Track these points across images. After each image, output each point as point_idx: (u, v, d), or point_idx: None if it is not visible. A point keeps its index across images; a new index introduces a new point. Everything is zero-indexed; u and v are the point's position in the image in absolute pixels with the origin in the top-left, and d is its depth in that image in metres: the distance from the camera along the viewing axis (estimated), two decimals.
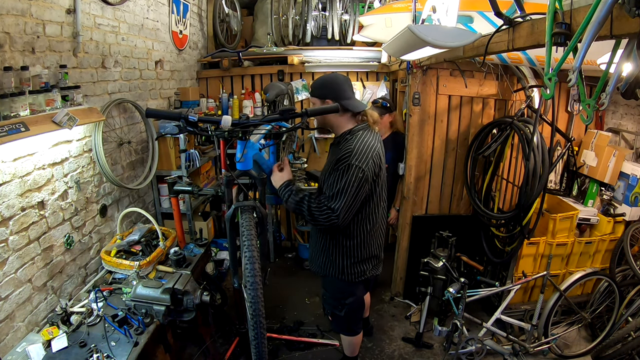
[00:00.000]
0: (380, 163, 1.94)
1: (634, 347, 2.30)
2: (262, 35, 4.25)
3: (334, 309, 2.22)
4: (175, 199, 2.45)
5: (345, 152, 1.83)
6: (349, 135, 1.93)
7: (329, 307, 2.28)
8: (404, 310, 3.21)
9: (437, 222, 3.10)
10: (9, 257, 1.66)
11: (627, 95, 1.13)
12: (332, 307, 2.24)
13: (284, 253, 4.20)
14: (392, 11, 2.57)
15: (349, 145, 1.86)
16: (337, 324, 2.34)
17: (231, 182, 1.88)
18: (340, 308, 2.19)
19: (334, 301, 2.22)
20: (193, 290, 1.99)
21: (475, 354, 2.54)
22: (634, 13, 0.78)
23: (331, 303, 2.24)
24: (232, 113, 3.60)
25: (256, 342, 1.60)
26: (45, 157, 1.87)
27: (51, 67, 1.88)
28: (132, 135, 2.68)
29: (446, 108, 3.04)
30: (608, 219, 2.86)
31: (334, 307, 2.22)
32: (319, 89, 1.98)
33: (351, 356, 2.44)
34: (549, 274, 2.57)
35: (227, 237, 1.89)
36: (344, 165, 1.81)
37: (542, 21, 1.23)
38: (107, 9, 2.34)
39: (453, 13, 1.74)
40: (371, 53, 3.91)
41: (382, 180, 2.01)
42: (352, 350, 2.41)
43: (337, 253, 2.06)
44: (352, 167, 1.79)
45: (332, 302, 2.23)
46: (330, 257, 2.09)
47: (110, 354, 1.65)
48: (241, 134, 1.75)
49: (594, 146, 3.07)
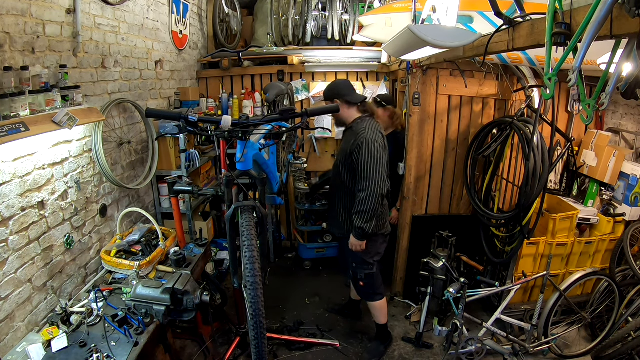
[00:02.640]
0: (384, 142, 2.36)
1: (634, 347, 2.29)
2: (262, 35, 4.25)
3: (365, 269, 2.49)
4: (175, 199, 2.45)
5: (358, 135, 2.29)
6: (359, 120, 2.40)
7: (359, 270, 2.51)
8: (404, 310, 3.21)
9: (437, 222, 3.10)
10: (9, 257, 1.66)
11: (627, 95, 1.13)
12: (364, 269, 2.50)
13: (284, 253, 4.19)
14: (392, 11, 2.57)
15: (361, 126, 2.33)
16: (366, 289, 2.59)
17: (231, 182, 1.88)
18: (371, 266, 2.50)
19: (363, 263, 2.48)
20: (193, 290, 1.99)
21: (475, 354, 2.54)
22: (634, 13, 0.78)
23: (361, 265, 2.49)
24: (232, 113, 3.60)
25: (256, 342, 1.60)
26: (45, 157, 1.87)
27: (51, 67, 1.88)
28: (132, 135, 2.68)
29: (446, 108, 3.04)
30: (608, 219, 2.86)
31: (365, 269, 2.49)
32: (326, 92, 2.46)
33: (384, 323, 2.72)
34: (549, 274, 2.57)
35: (227, 237, 1.89)
36: (360, 140, 2.25)
37: (542, 21, 1.23)
38: (107, 9, 2.34)
39: (453, 13, 1.74)
40: (371, 53, 3.91)
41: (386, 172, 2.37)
42: (385, 315, 2.70)
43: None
44: (368, 140, 2.24)
45: (362, 265, 2.49)
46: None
47: (110, 354, 1.65)
48: (241, 134, 1.76)
49: (594, 146, 3.07)
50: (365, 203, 2.24)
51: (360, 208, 2.26)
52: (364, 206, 2.25)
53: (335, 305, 3.23)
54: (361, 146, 2.24)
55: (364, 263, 2.49)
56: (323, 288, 3.53)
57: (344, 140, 2.50)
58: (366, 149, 2.23)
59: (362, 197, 2.25)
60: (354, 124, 2.40)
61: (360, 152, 2.24)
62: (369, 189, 2.23)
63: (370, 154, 2.22)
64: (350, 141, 2.33)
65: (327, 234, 3.81)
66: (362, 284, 2.56)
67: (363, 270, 2.51)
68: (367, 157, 2.23)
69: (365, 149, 2.23)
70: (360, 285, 2.58)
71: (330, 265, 3.88)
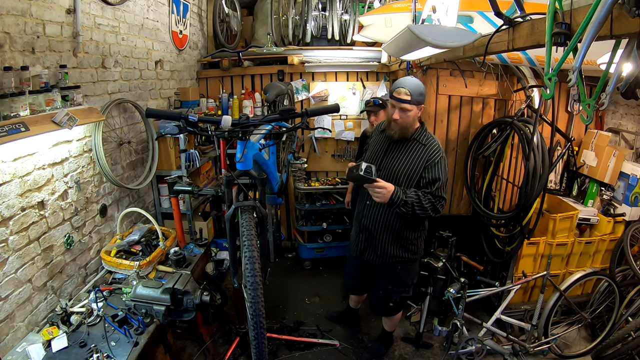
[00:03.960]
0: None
1: (634, 347, 2.30)
2: (262, 35, 4.25)
3: (403, 292, 2.37)
4: (175, 199, 2.45)
5: (435, 146, 2.11)
6: (425, 132, 2.17)
7: (396, 295, 2.36)
8: (404, 310, 3.21)
9: (437, 222, 3.09)
10: (9, 257, 1.66)
11: (627, 95, 1.13)
12: (401, 292, 2.36)
13: (284, 253, 4.19)
14: (392, 11, 2.57)
15: (433, 140, 2.13)
16: (399, 307, 2.48)
17: (231, 182, 1.88)
18: (408, 289, 2.38)
19: (403, 286, 2.35)
20: (193, 290, 1.99)
21: (475, 354, 2.54)
22: (634, 13, 0.78)
23: (399, 289, 2.35)
24: (232, 113, 3.60)
25: (256, 342, 1.60)
26: (45, 157, 1.87)
27: (51, 67, 1.88)
28: (132, 135, 2.68)
29: (446, 108, 3.04)
30: (608, 219, 2.86)
31: (403, 292, 2.37)
32: (421, 96, 2.07)
33: (393, 330, 2.71)
34: (549, 274, 2.57)
35: (227, 237, 1.89)
36: (439, 157, 2.08)
37: (542, 21, 1.23)
38: (107, 9, 2.34)
39: (453, 13, 1.74)
40: (371, 53, 3.91)
41: None
42: (396, 325, 2.70)
43: (416, 234, 2.25)
44: (443, 157, 2.10)
45: (401, 287, 2.35)
46: (409, 239, 2.24)
47: (110, 354, 1.65)
48: (241, 134, 1.75)
49: (594, 146, 3.07)
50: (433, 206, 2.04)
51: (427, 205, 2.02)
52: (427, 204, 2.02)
53: (333, 312, 3.12)
54: (440, 163, 2.08)
55: (403, 285, 2.35)
56: (323, 288, 3.53)
57: (399, 153, 2.17)
58: (443, 165, 2.08)
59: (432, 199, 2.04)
60: (416, 134, 2.14)
61: (439, 166, 2.07)
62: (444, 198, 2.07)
63: (445, 171, 2.09)
64: (421, 156, 2.10)
65: (327, 234, 3.81)
66: (392, 304, 2.42)
67: (399, 294, 2.36)
68: (444, 170, 2.08)
69: (443, 164, 2.08)
70: (390, 305, 2.43)
71: (331, 265, 3.88)
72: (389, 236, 2.24)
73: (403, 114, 2.06)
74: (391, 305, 2.41)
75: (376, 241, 2.28)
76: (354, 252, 2.44)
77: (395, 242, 2.25)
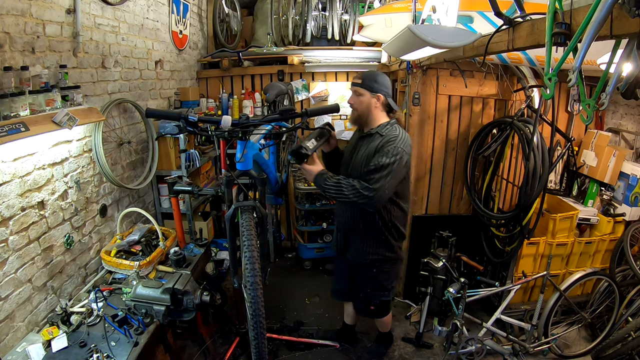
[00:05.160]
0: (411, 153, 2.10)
1: (634, 347, 2.29)
2: (262, 35, 4.25)
3: (382, 296, 2.31)
4: (175, 199, 2.45)
5: (392, 137, 1.98)
6: (389, 126, 2.06)
7: (375, 298, 2.32)
8: (404, 310, 3.21)
9: (437, 222, 3.10)
10: (9, 257, 1.66)
11: (627, 95, 1.13)
12: (380, 296, 2.30)
13: (284, 253, 4.19)
14: (392, 11, 2.57)
15: (394, 132, 2.01)
16: (380, 310, 2.41)
17: (231, 182, 1.88)
18: (388, 293, 2.32)
19: (381, 290, 2.30)
20: (193, 290, 1.99)
21: (475, 354, 2.54)
22: (634, 13, 0.78)
23: (378, 293, 2.30)
24: (232, 113, 3.60)
25: (256, 342, 1.60)
26: (45, 157, 1.87)
27: (51, 67, 1.88)
28: (132, 135, 2.68)
29: (446, 108, 3.04)
30: (608, 219, 2.86)
31: (382, 295, 2.31)
32: (374, 82, 2.04)
33: (388, 331, 2.66)
34: (549, 274, 2.57)
35: (227, 237, 1.89)
36: (391, 147, 1.94)
37: (542, 21, 1.23)
38: (107, 9, 2.34)
39: (453, 13, 1.74)
40: (371, 53, 3.91)
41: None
42: (389, 324, 2.64)
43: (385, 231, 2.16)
44: (397, 149, 1.94)
45: (379, 291, 2.30)
46: (380, 236, 2.17)
47: (110, 354, 1.65)
48: (241, 134, 1.76)
49: (594, 146, 3.07)
50: (354, 188, 1.93)
51: (345, 187, 1.95)
52: (348, 191, 1.94)
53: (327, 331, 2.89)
54: (390, 153, 1.94)
55: (381, 289, 2.30)
56: (323, 288, 3.52)
57: (361, 147, 2.11)
58: (393, 155, 1.93)
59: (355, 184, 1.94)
60: (379, 130, 2.05)
61: (383, 153, 1.94)
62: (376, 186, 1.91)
63: (393, 162, 1.92)
64: (376, 146, 2.00)
65: (327, 234, 3.81)
66: (373, 308, 2.35)
67: (379, 297, 2.31)
68: (390, 159, 1.92)
69: (393, 155, 1.93)
70: (371, 309, 2.37)
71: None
72: (358, 234, 2.22)
73: (356, 98, 2.08)
74: (372, 308, 2.36)
75: (351, 239, 2.27)
76: (335, 251, 2.44)
77: (365, 240, 2.20)
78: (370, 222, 2.16)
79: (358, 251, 2.25)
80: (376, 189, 1.91)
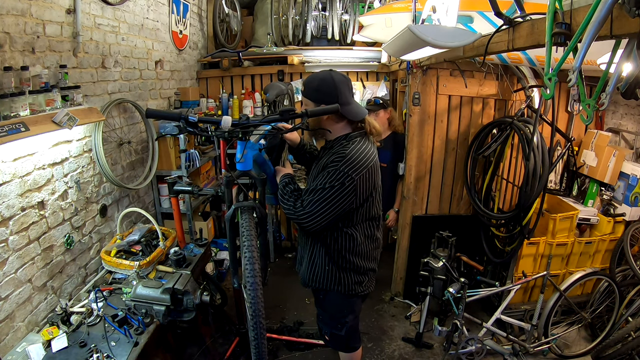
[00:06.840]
0: (375, 178, 1.75)
1: (634, 347, 2.29)
2: (262, 35, 4.25)
3: (333, 329, 2.00)
4: (175, 199, 2.45)
5: (338, 156, 1.66)
6: (345, 141, 1.75)
7: (326, 328, 2.05)
8: (404, 310, 3.21)
9: (437, 222, 3.10)
10: (9, 257, 1.66)
11: (627, 95, 1.13)
12: (331, 328, 2.01)
13: (284, 253, 4.19)
14: (392, 11, 2.57)
15: (344, 150, 1.69)
16: (336, 344, 2.10)
17: (231, 183, 1.88)
18: (340, 327, 1.97)
19: (332, 321, 2.00)
20: (193, 290, 1.99)
21: (475, 354, 2.54)
22: (634, 13, 0.78)
23: (329, 323, 2.01)
24: (232, 113, 3.60)
25: (256, 342, 1.60)
26: (45, 157, 1.88)
27: (51, 67, 1.89)
28: (132, 135, 2.68)
29: (446, 108, 3.04)
30: (608, 219, 2.86)
31: (333, 327, 2.00)
32: (314, 91, 1.76)
33: None
34: (549, 274, 2.57)
35: (227, 237, 1.89)
36: (332, 168, 1.64)
37: (542, 21, 1.23)
38: (107, 9, 2.34)
39: (453, 13, 1.74)
40: (371, 53, 3.91)
41: (377, 197, 1.83)
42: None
43: (330, 261, 1.85)
44: (339, 172, 1.62)
45: (330, 322, 2.01)
46: (324, 266, 1.86)
47: (110, 354, 1.65)
48: (241, 134, 1.75)
49: (594, 146, 3.07)
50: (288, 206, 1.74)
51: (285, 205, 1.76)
52: (286, 205, 1.75)
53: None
54: (330, 174, 1.64)
55: (331, 319, 1.99)
56: None
57: (321, 159, 1.84)
58: (333, 177, 1.63)
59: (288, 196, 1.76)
60: (335, 143, 1.78)
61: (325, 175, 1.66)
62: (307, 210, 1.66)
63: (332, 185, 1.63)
64: (324, 162, 1.73)
65: None
66: (328, 338, 2.08)
67: (329, 329, 2.01)
68: (328, 181, 1.63)
69: (333, 177, 1.63)
70: (325, 339, 2.10)
71: None
72: (307, 255, 1.94)
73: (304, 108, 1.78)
74: (327, 338, 2.08)
75: (303, 256, 1.99)
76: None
77: (310, 264, 1.91)
78: (316, 246, 1.87)
79: (304, 273, 1.97)
80: (306, 212, 1.67)
